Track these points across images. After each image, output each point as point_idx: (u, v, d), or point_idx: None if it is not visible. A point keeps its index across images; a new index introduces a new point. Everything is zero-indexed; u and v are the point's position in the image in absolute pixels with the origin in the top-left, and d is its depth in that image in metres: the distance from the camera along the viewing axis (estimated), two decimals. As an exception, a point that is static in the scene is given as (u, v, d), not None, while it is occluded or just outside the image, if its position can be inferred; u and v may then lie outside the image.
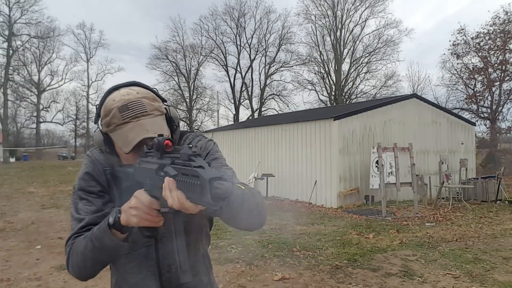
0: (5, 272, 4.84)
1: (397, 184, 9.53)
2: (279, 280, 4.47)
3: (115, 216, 0.89)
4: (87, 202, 1.02)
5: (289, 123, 12.62)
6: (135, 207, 0.86)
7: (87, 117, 49.53)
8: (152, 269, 1.04)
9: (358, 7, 36.01)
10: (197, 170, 0.70)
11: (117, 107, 0.94)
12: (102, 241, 0.90)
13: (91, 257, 0.93)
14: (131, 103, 0.95)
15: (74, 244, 0.98)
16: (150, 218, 0.86)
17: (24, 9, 40.09)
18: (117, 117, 0.94)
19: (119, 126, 0.94)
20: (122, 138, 0.94)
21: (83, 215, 1.01)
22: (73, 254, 0.97)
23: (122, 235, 0.91)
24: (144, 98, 0.98)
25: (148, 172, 0.88)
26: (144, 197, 0.87)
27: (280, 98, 39.89)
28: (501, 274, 4.70)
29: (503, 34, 23.93)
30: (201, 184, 0.68)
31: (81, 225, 0.99)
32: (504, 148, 25.83)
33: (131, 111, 0.94)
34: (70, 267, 0.99)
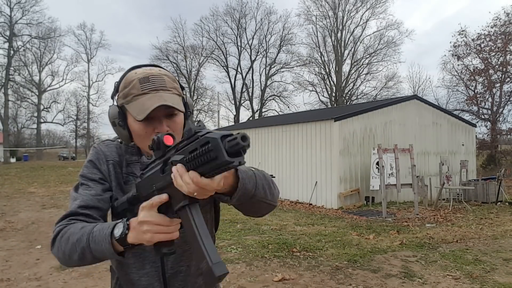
0: (5, 272, 4.84)
1: (398, 185, 9.52)
2: (279, 281, 4.46)
3: (122, 232, 0.82)
4: (87, 187, 1.02)
5: (290, 124, 12.62)
6: (145, 221, 0.79)
7: (88, 118, 49.58)
8: (155, 265, 1.03)
9: (359, 8, 36.08)
10: (206, 136, 0.67)
11: (138, 78, 0.96)
12: (98, 246, 0.85)
13: (80, 252, 0.88)
14: (153, 76, 0.97)
15: (67, 228, 0.92)
16: (164, 229, 0.79)
17: (25, 9, 40.16)
18: (137, 88, 0.96)
19: (137, 97, 0.95)
20: (138, 106, 0.94)
21: (79, 195, 1.00)
22: (62, 239, 0.91)
23: (121, 248, 0.86)
24: (166, 76, 1.01)
25: (151, 178, 0.84)
26: (148, 206, 0.82)
27: (280, 99, 39.95)
28: (501, 275, 4.69)
29: (503, 35, 23.93)
30: (213, 146, 0.64)
31: (78, 203, 0.97)
32: (505, 149, 25.80)
33: (151, 83, 0.95)
34: (55, 248, 0.93)
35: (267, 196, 0.92)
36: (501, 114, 25.77)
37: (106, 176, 1.04)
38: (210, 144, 0.65)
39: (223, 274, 0.69)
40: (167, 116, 0.98)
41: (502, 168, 13.60)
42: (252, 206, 0.91)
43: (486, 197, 11.10)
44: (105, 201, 1.00)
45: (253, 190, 0.85)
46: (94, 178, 1.03)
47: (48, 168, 26.37)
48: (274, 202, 0.97)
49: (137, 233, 0.81)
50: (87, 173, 1.04)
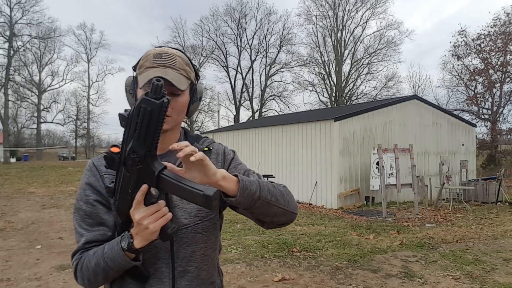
0: (5, 272, 4.84)
1: (398, 185, 9.52)
2: (279, 281, 4.46)
3: (128, 242, 0.92)
4: (85, 215, 1.06)
5: (290, 124, 12.62)
6: (141, 219, 0.88)
7: (88, 118, 49.58)
8: (166, 261, 1.05)
9: (359, 8, 36.08)
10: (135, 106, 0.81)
11: (153, 53, 1.05)
12: (115, 261, 0.95)
13: (102, 272, 0.98)
14: (166, 54, 1.05)
15: (82, 259, 1.02)
16: (159, 214, 0.89)
17: (25, 9, 40.15)
18: (150, 61, 1.03)
19: (148, 69, 1.03)
20: (144, 76, 1.02)
21: (82, 231, 1.05)
22: (82, 269, 1.01)
23: (133, 255, 0.96)
24: (179, 57, 1.07)
25: (123, 187, 0.91)
26: (135, 204, 0.89)
27: (280, 99, 39.94)
28: (501, 275, 4.70)
29: (503, 35, 23.93)
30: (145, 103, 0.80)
31: (83, 241, 1.04)
32: (505, 149, 25.81)
33: (163, 60, 1.03)
34: (80, 279, 1.03)
35: (278, 201, 1.00)
36: (501, 114, 25.80)
37: (103, 193, 1.07)
38: (142, 105, 0.79)
39: (214, 193, 0.81)
40: (171, 94, 1.02)
41: (502, 168, 13.60)
42: (265, 211, 0.98)
43: (486, 197, 11.10)
44: (109, 226, 1.05)
45: (257, 191, 0.94)
46: (90, 201, 1.05)
47: (48, 168, 26.37)
48: (291, 209, 1.04)
49: (141, 234, 0.90)
50: (83, 196, 1.07)
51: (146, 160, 0.85)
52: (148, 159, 0.85)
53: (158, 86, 0.79)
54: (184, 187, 0.84)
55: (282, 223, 1.07)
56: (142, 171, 0.86)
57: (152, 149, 0.84)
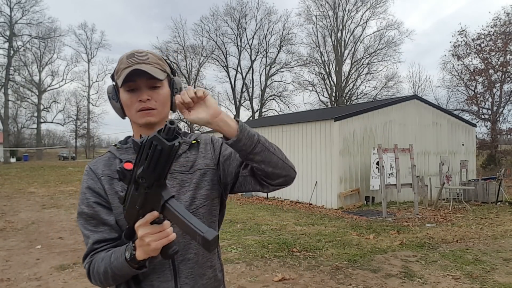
0: (5, 272, 4.84)
1: (398, 185, 9.52)
2: (279, 281, 4.46)
3: (131, 254, 0.95)
4: (88, 218, 1.09)
5: (290, 124, 12.62)
6: (145, 235, 0.90)
7: (88, 118, 49.59)
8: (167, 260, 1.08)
9: (359, 8, 36.06)
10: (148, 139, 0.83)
11: (126, 55, 1.10)
12: (122, 271, 0.99)
13: (111, 277, 1.02)
14: (138, 53, 1.09)
15: (93, 264, 1.05)
16: (162, 234, 0.91)
17: (25, 9, 40.15)
18: (124, 63, 1.08)
19: (124, 70, 1.06)
20: (122, 77, 1.04)
21: (88, 232, 1.09)
22: (94, 273, 1.05)
23: (136, 265, 0.98)
24: (151, 54, 1.11)
25: (132, 201, 0.92)
26: (141, 222, 0.91)
27: (280, 99, 39.93)
28: (501, 275, 4.69)
29: (504, 35, 23.94)
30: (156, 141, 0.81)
31: (91, 241, 1.07)
32: (505, 149, 25.81)
33: (136, 58, 1.07)
34: (93, 281, 1.07)
35: (276, 152, 1.04)
36: (501, 114, 25.80)
37: (103, 194, 1.09)
38: (153, 142, 0.81)
39: (214, 237, 0.83)
40: (151, 88, 1.08)
41: (502, 168, 13.59)
42: (266, 158, 1.01)
43: (486, 197, 11.10)
44: (111, 226, 1.08)
45: (256, 135, 1.00)
46: (91, 203, 1.08)
47: (48, 168, 26.37)
48: (290, 164, 1.08)
49: (143, 248, 0.93)
50: (84, 200, 1.09)
51: (154, 187, 0.87)
52: (156, 187, 0.87)
53: (170, 129, 0.81)
54: (186, 223, 0.87)
55: (283, 177, 1.08)
56: (150, 195, 0.88)
57: (161, 179, 0.86)
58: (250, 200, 12.55)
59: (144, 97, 1.07)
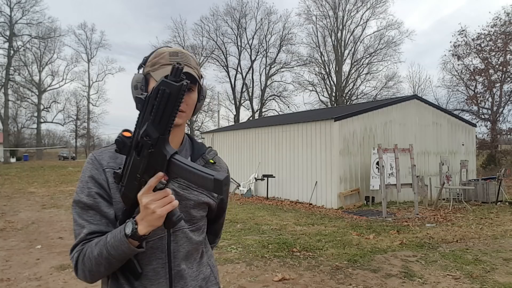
0: (5, 272, 4.84)
1: (398, 185, 9.52)
2: (279, 281, 4.46)
3: (133, 228, 0.92)
4: (86, 207, 1.05)
5: (290, 124, 12.62)
6: (149, 203, 0.89)
7: (88, 118, 49.59)
8: (162, 261, 1.07)
9: (359, 8, 36.08)
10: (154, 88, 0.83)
11: (169, 51, 1.10)
12: (119, 249, 0.95)
13: (105, 262, 0.97)
14: (182, 53, 1.11)
15: (84, 251, 1.01)
16: (167, 200, 0.90)
17: (25, 9, 40.15)
18: (166, 59, 1.08)
19: (164, 65, 1.07)
20: (163, 73, 1.04)
21: (83, 222, 1.04)
22: (84, 260, 1.00)
23: (137, 242, 0.96)
24: (191, 57, 1.14)
25: (132, 171, 0.91)
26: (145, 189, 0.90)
27: (280, 99, 39.95)
28: (501, 275, 4.69)
29: (504, 35, 23.94)
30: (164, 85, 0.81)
31: (85, 232, 1.03)
32: (505, 149, 25.81)
33: (179, 58, 1.09)
34: (80, 271, 1.02)
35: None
36: (501, 114, 25.80)
37: (105, 187, 1.06)
38: (160, 87, 0.80)
39: (226, 177, 0.82)
40: (188, 90, 1.08)
41: (502, 168, 13.59)
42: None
43: (486, 197, 11.10)
44: (110, 220, 1.05)
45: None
46: (92, 193, 1.05)
47: (48, 168, 26.37)
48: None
49: (146, 219, 0.91)
50: (85, 188, 1.06)
51: (158, 143, 0.85)
52: (161, 142, 0.86)
53: (178, 69, 0.81)
54: (194, 172, 0.85)
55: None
56: (153, 155, 0.87)
57: (165, 133, 0.85)
58: (250, 200, 12.56)
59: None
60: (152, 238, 1.04)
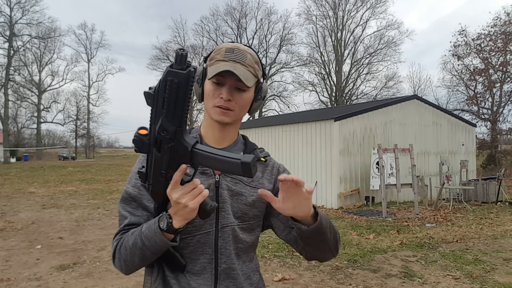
0: (5, 272, 4.84)
1: (398, 185, 9.52)
2: (279, 281, 4.46)
3: (167, 222, 0.91)
4: (130, 198, 1.07)
5: (290, 124, 12.62)
6: (179, 198, 0.87)
7: (88, 118, 49.61)
8: (209, 256, 1.05)
9: (359, 8, 36.09)
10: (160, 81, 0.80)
11: (226, 47, 1.08)
12: (152, 241, 0.94)
13: (139, 253, 0.97)
14: (238, 50, 1.07)
15: (122, 240, 1.02)
16: (196, 191, 0.88)
17: (25, 9, 40.18)
18: (221, 54, 1.06)
19: (218, 61, 1.05)
20: (214, 68, 1.03)
21: (126, 213, 1.07)
22: (121, 249, 1.01)
23: (172, 235, 0.95)
24: (250, 55, 1.09)
25: (156, 168, 0.89)
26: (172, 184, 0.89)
27: (280, 99, 39.96)
28: (501, 275, 4.70)
29: (504, 35, 23.94)
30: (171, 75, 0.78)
31: (126, 222, 1.05)
32: (505, 149, 25.80)
33: (234, 55, 1.05)
34: (117, 260, 1.03)
35: (329, 240, 1.03)
36: (501, 114, 25.81)
37: None
38: (168, 78, 0.77)
39: (253, 158, 0.79)
40: (237, 89, 1.06)
41: (502, 168, 13.60)
42: (315, 244, 1.02)
43: (486, 197, 11.10)
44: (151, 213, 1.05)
45: (326, 228, 0.99)
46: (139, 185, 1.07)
47: (48, 168, 26.37)
48: (333, 250, 1.07)
49: (179, 214, 0.90)
50: (131, 188, 1.08)
51: (177, 136, 0.83)
52: (179, 135, 0.83)
53: (182, 56, 0.77)
54: (220, 158, 0.83)
55: (319, 258, 1.10)
56: (174, 149, 0.85)
57: (182, 124, 0.82)
58: (250, 200, 12.55)
59: (227, 97, 1.04)
60: (199, 232, 1.04)
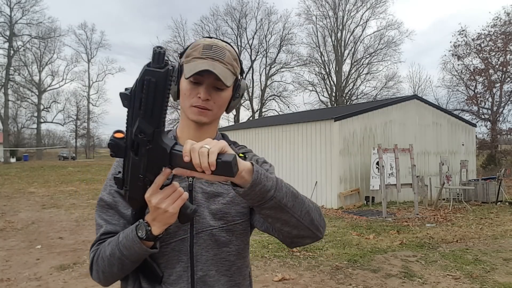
0: (5, 272, 4.84)
1: (398, 185, 9.52)
2: (279, 281, 4.46)
3: (146, 230, 0.88)
4: (106, 206, 1.04)
5: (290, 124, 12.62)
6: (159, 203, 0.84)
7: (88, 118, 49.62)
8: (184, 264, 1.00)
9: (359, 8, 36.08)
10: (138, 80, 0.75)
11: (203, 44, 1.02)
12: (131, 250, 0.90)
13: (118, 263, 0.93)
14: (216, 47, 1.02)
15: (98, 251, 0.98)
16: (176, 195, 0.85)
17: (25, 9, 40.18)
18: (198, 51, 1.01)
19: (195, 59, 1.00)
20: (191, 67, 0.98)
21: (102, 222, 1.03)
22: (98, 261, 0.97)
23: (151, 242, 0.91)
24: (229, 52, 1.04)
25: (133, 173, 0.85)
26: (152, 189, 0.85)
27: (280, 99, 39.94)
28: (501, 275, 4.70)
29: (504, 35, 23.94)
30: (148, 74, 0.74)
31: (101, 232, 1.01)
32: (505, 149, 25.79)
33: (212, 52, 1.00)
34: (95, 272, 0.99)
35: (294, 208, 0.89)
36: (501, 114, 25.79)
37: None
38: (146, 77, 0.73)
39: (233, 158, 0.74)
40: (215, 88, 1.01)
41: (502, 168, 13.59)
42: (276, 215, 0.88)
43: (486, 197, 11.10)
44: (128, 221, 1.01)
45: (272, 190, 0.84)
46: (113, 192, 1.04)
47: (48, 168, 26.37)
48: (307, 224, 0.93)
49: (159, 219, 0.87)
50: (106, 195, 1.05)
51: (155, 138, 0.79)
52: (157, 136, 0.79)
53: (160, 54, 0.74)
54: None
55: (299, 237, 0.95)
56: (152, 151, 0.80)
57: (160, 125, 0.78)
58: (250, 200, 12.55)
59: (205, 96, 1.00)
60: (173, 240, 0.99)
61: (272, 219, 0.90)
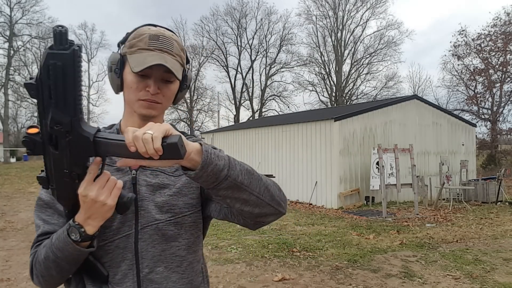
0: (5, 272, 4.84)
1: (398, 185, 9.52)
2: (279, 281, 4.46)
3: (80, 232, 0.82)
4: (44, 205, 0.98)
5: (290, 124, 12.62)
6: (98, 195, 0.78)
7: (88, 118, 49.59)
8: (129, 262, 0.94)
9: (359, 8, 36.05)
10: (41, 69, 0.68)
11: (149, 34, 0.96)
12: (65, 252, 0.85)
13: (54, 266, 0.87)
14: (163, 37, 0.96)
15: (35, 255, 0.93)
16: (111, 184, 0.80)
17: (25, 9, 40.16)
18: (144, 42, 0.95)
19: (142, 50, 0.94)
20: (139, 59, 0.93)
21: (40, 222, 0.97)
22: (36, 264, 0.91)
23: (87, 242, 0.85)
24: (176, 42, 0.99)
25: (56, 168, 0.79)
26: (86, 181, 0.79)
27: (280, 99, 39.92)
28: (501, 275, 4.70)
29: (504, 35, 23.94)
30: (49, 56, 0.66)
31: (39, 232, 0.95)
32: (505, 149, 25.81)
33: (159, 43, 0.95)
34: (35, 276, 0.93)
35: (251, 185, 0.85)
36: (501, 114, 25.79)
37: None
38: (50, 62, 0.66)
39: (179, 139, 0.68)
40: (164, 80, 0.97)
41: (502, 168, 13.59)
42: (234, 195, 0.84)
43: (486, 197, 11.10)
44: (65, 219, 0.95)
45: (225, 169, 0.79)
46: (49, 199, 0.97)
47: (48, 168, 26.33)
48: (267, 200, 0.89)
49: (95, 216, 0.81)
50: (43, 194, 0.99)
51: (74, 127, 0.71)
52: (76, 125, 0.71)
53: (62, 34, 0.65)
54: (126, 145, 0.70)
55: (261, 216, 0.91)
56: (74, 142, 0.72)
57: (77, 113, 0.71)
58: (250, 200, 12.55)
59: (155, 90, 0.95)
60: (117, 236, 0.93)
61: (230, 199, 0.85)
